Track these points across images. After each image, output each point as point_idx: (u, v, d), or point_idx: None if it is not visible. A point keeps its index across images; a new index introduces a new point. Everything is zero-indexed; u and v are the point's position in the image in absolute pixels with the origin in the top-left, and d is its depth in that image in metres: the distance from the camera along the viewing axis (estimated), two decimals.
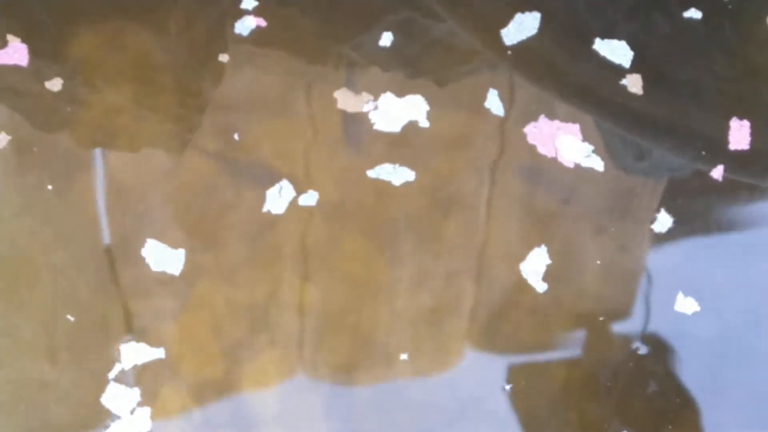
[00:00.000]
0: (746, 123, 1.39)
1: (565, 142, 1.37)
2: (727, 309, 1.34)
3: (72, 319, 1.30)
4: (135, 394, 1.27)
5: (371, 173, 1.37)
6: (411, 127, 1.39)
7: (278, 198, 1.35)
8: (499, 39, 1.42)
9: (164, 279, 1.32)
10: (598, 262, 1.35)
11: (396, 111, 1.39)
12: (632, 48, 1.42)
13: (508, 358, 1.32)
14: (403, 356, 1.31)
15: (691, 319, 1.33)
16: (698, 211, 1.38)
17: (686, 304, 1.33)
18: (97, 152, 1.37)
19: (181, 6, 1.44)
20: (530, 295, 1.33)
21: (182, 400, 1.29)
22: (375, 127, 1.39)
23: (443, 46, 1.43)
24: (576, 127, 1.38)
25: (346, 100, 1.41)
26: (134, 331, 1.30)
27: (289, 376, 1.31)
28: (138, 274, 1.32)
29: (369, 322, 1.33)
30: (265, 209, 1.35)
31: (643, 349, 1.31)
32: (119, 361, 1.28)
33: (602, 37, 1.42)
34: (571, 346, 1.33)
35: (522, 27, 1.42)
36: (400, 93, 1.40)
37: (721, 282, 1.35)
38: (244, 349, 1.31)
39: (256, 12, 1.43)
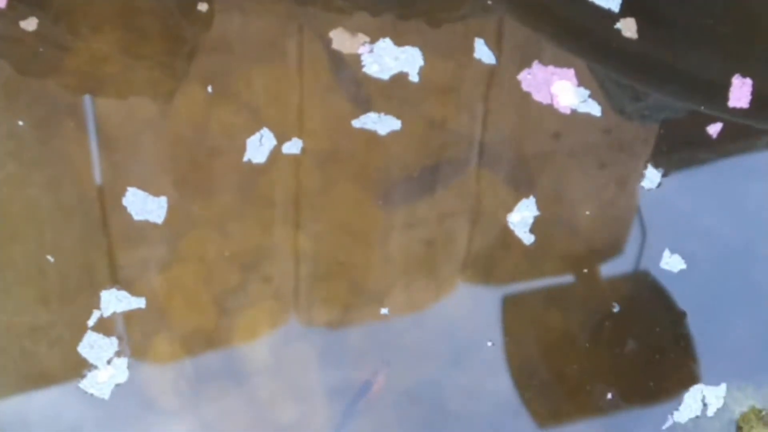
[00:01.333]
0: (748, 81, 1.39)
1: (561, 88, 1.37)
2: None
3: (52, 259, 1.28)
4: (113, 343, 1.25)
5: (356, 123, 1.36)
6: (400, 77, 1.38)
7: (259, 146, 1.34)
8: None
9: (151, 228, 1.30)
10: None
11: (390, 59, 1.38)
12: None
13: (497, 305, 1.32)
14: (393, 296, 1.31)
15: (677, 277, 1.33)
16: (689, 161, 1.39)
17: (672, 261, 1.33)
18: (84, 99, 1.35)
19: None
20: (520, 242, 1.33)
21: (174, 352, 1.27)
22: (364, 70, 1.38)
23: None
24: (570, 72, 1.38)
25: (341, 40, 1.40)
26: (120, 281, 1.28)
27: (281, 325, 1.30)
28: (125, 223, 1.30)
29: (362, 268, 1.32)
30: (245, 158, 1.33)
31: (617, 308, 1.31)
32: (98, 308, 1.26)
33: None
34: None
35: None
36: (399, 41, 1.39)
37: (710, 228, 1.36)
38: (236, 298, 1.30)
39: None
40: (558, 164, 1.37)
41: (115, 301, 1.26)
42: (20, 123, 1.32)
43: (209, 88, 1.36)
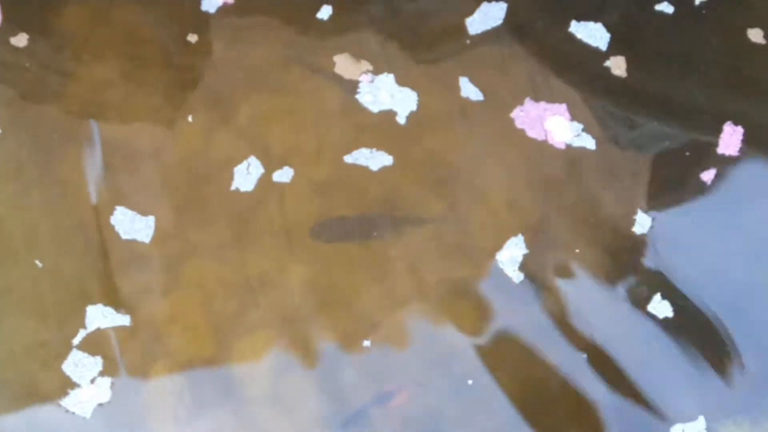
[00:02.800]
0: (739, 129, 1.39)
1: (554, 124, 1.37)
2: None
3: (40, 265, 1.31)
4: (97, 363, 1.27)
5: (348, 158, 1.37)
6: (389, 115, 1.40)
7: (246, 175, 1.36)
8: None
9: (148, 253, 1.32)
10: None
11: (386, 95, 1.40)
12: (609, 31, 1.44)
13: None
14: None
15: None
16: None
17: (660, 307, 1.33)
18: (86, 125, 1.37)
19: None
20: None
21: (171, 377, 1.29)
22: (357, 97, 1.39)
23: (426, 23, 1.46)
24: (563, 107, 1.39)
25: (345, 66, 1.41)
26: (119, 304, 1.30)
27: (279, 353, 1.31)
28: (125, 248, 1.33)
29: (358, 296, 1.34)
30: (233, 187, 1.35)
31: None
32: (84, 327, 1.28)
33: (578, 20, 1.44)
34: None
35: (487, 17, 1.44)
36: (401, 80, 1.41)
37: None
38: (234, 325, 1.32)
39: None
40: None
41: (100, 317, 1.28)
42: (22, 149, 1.35)
43: (211, 116, 1.39)
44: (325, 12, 1.44)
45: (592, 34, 1.43)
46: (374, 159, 1.38)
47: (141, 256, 1.32)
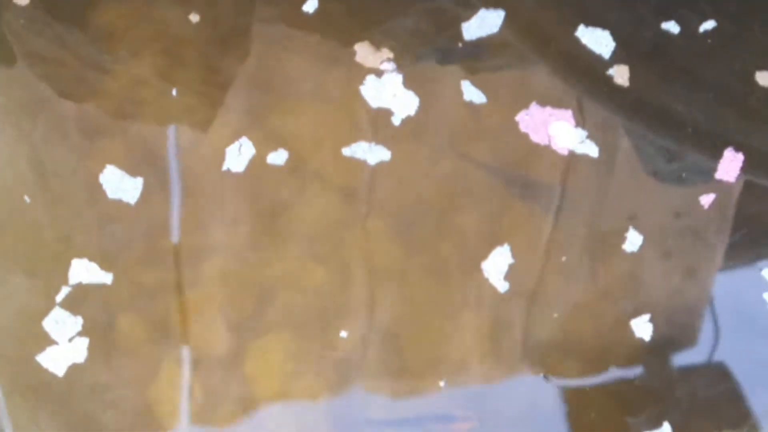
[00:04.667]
0: (740, 156, 1.40)
1: (558, 129, 1.38)
2: None
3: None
4: (77, 322, 1.31)
5: (346, 151, 1.39)
6: (385, 113, 1.42)
7: (238, 155, 1.39)
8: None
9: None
10: None
11: (388, 93, 1.42)
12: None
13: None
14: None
15: None
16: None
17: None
18: (122, 123, 1.43)
19: None
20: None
21: (182, 373, 1.34)
22: (361, 87, 1.41)
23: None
24: (568, 113, 1.39)
25: (365, 54, 1.43)
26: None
27: (295, 357, 1.34)
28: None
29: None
30: (224, 167, 1.38)
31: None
32: (67, 284, 1.33)
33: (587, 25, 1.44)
34: None
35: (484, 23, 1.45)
36: (408, 83, 1.43)
37: None
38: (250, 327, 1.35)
39: None
40: None
41: (84, 273, 1.32)
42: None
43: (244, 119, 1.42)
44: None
45: (599, 40, 1.42)
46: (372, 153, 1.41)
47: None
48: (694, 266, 1.39)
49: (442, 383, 1.34)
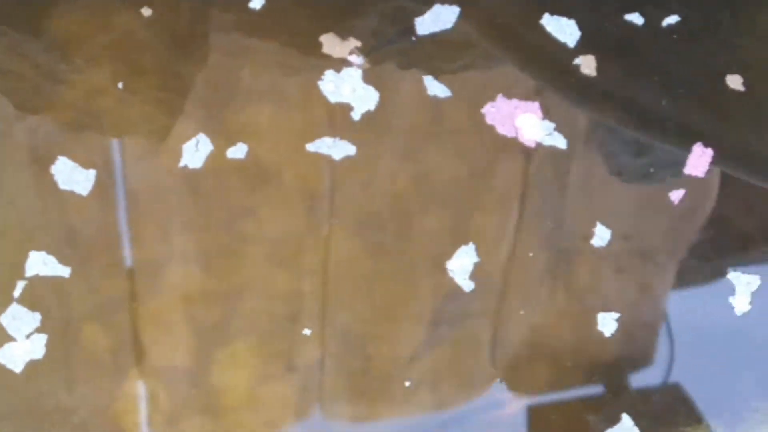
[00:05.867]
0: (709, 151, 1.41)
1: (525, 121, 1.39)
2: None
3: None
4: (35, 318, 1.31)
5: (310, 146, 1.40)
6: (343, 108, 1.43)
7: (195, 152, 1.39)
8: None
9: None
10: None
11: (348, 89, 1.43)
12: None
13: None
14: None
15: None
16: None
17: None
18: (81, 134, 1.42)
19: None
20: None
21: (149, 384, 1.33)
22: (320, 82, 1.42)
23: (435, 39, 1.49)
24: (535, 105, 1.41)
25: (332, 45, 1.44)
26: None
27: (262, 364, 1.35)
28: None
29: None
30: (181, 164, 1.38)
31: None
32: (24, 278, 1.33)
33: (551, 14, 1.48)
34: None
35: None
36: (367, 78, 1.44)
37: None
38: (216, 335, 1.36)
39: None
40: None
41: (41, 265, 1.32)
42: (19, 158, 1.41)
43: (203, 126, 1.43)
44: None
45: (563, 29, 1.45)
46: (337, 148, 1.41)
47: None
48: (647, 283, 1.42)
49: (407, 383, 1.33)
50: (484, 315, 1.38)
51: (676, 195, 1.40)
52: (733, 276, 1.39)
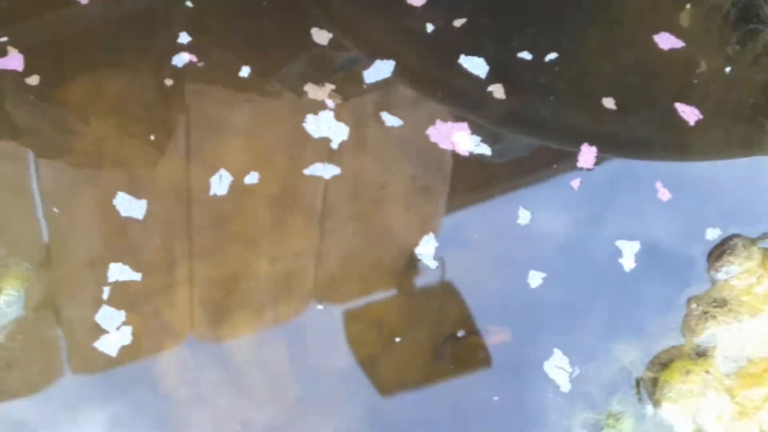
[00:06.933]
0: (593, 149, 1.75)
1: (459, 137, 1.75)
2: None
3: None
4: (122, 315, 1.58)
5: (306, 171, 1.72)
6: (324, 141, 1.76)
7: (219, 183, 1.69)
8: None
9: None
10: None
11: (326, 126, 1.76)
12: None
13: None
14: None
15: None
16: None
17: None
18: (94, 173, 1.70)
19: (132, 51, 1.81)
20: None
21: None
22: (304, 124, 1.75)
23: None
24: (465, 125, 1.77)
25: (314, 91, 1.78)
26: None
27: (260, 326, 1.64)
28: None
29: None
30: (211, 193, 1.68)
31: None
32: (108, 284, 1.60)
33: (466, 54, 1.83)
34: None
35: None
36: (338, 116, 1.77)
37: None
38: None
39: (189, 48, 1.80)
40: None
41: (118, 273, 1.61)
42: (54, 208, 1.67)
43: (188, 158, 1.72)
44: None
45: (476, 65, 1.80)
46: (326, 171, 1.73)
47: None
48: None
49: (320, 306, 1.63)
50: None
51: (575, 183, 1.74)
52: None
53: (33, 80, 1.75)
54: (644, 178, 1.77)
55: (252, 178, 1.70)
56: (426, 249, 1.67)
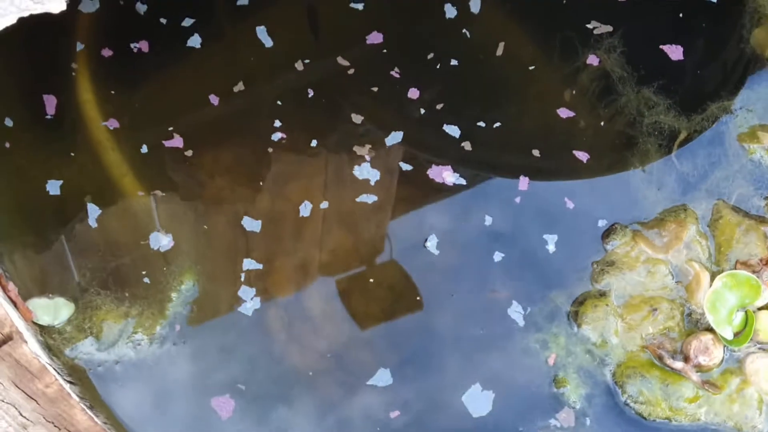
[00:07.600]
0: (527, 178, 2.34)
1: (447, 175, 2.36)
2: None
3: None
4: (252, 290, 2.27)
5: (357, 199, 2.32)
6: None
7: (305, 208, 2.30)
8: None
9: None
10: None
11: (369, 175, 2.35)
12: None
13: None
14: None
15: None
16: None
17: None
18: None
19: (240, 132, 2.45)
20: None
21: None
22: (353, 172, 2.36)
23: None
24: (449, 167, 2.37)
25: (358, 148, 2.40)
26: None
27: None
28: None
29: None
30: (300, 215, 2.27)
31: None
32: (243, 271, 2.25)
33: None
34: None
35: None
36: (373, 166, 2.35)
37: None
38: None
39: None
40: None
41: (248, 264, 2.26)
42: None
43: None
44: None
45: (453, 131, 2.44)
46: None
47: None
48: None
49: None
50: None
51: (518, 200, 2.31)
52: None
53: (188, 152, 2.36)
54: (556, 196, 2.34)
55: (324, 204, 2.32)
56: (432, 242, 2.30)
